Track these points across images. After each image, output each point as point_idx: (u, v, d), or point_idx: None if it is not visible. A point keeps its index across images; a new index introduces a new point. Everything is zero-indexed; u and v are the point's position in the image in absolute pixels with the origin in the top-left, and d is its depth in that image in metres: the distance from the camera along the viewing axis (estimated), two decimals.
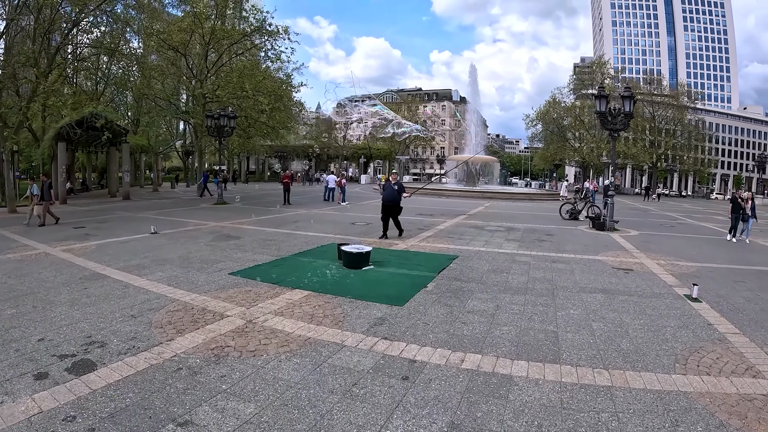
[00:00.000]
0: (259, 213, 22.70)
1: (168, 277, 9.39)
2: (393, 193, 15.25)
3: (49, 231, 16.32)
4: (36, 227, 17.21)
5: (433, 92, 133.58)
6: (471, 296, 8.51)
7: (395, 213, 15.47)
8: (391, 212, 15.40)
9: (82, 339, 5.98)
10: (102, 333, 6.21)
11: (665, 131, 79.35)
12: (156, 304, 7.50)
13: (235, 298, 7.91)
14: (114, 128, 31.96)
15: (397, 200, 15.28)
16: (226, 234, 15.91)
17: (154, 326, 6.48)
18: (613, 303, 8.35)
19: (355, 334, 6.39)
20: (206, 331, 6.32)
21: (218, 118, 27.88)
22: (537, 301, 8.31)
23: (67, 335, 6.10)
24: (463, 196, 40.86)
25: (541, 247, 14.72)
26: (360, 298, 8.07)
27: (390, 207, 15.31)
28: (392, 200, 15.25)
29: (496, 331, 6.71)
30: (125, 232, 16.02)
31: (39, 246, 13.08)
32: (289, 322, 6.78)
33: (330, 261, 11.13)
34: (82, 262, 10.89)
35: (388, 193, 15.29)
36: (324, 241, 14.59)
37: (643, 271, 11.44)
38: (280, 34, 35.35)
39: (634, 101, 21.37)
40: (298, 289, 8.56)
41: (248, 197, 36.05)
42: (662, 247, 15.78)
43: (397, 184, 15.48)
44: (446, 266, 11.00)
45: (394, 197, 15.25)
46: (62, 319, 6.76)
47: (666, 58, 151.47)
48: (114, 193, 36.27)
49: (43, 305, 7.40)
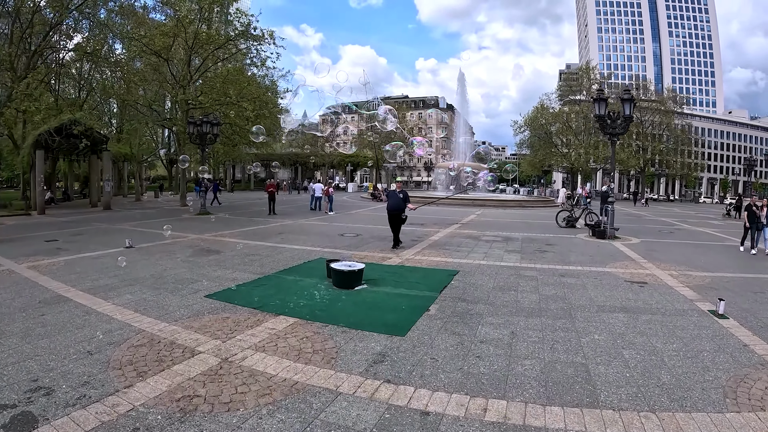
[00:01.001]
0: (243, 224, 21.62)
1: (136, 300, 8.32)
2: (398, 201, 14.86)
3: (19, 244, 15.32)
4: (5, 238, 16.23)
5: (420, 99, 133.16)
6: (481, 321, 7.52)
7: (400, 222, 15.17)
8: (397, 221, 15.07)
9: (28, 383, 4.98)
10: (51, 375, 5.19)
11: (652, 136, 79.32)
12: (118, 337, 6.45)
13: (209, 328, 6.84)
14: (94, 136, 30.98)
15: (402, 209, 14.87)
16: (206, 248, 14.83)
17: (111, 367, 5.44)
18: (638, 324, 7.52)
19: (352, 375, 5.35)
20: (173, 373, 5.27)
21: (200, 125, 26.84)
22: (555, 325, 7.37)
23: (11, 377, 5.11)
24: (454, 204, 40.03)
25: (545, 258, 13.87)
26: (354, 326, 7.02)
27: (396, 216, 14.97)
28: (397, 209, 14.88)
29: (518, 366, 5.74)
30: (99, 246, 14.97)
31: (3, 262, 12.08)
32: (271, 360, 5.72)
33: (318, 280, 10.08)
34: (45, 281, 9.84)
35: (393, 202, 14.97)
36: (311, 255, 13.56)
37: (658, 283, 10.67)
38: (265, 38, 34.48)
39: (634, 104, 20.67)
40: (282, 316, 7.49)
41: (232, 207, 35.03)
42: (668, 255, 15.13)
43: (402, 193, 15.06)
44: (447, 284, 10.01)
45: (399, 206, 14.86)
46: (9, 355, 5.75)
47: (651, 63, 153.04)
48: (95, 203, 35.28)
49: None
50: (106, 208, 31.86)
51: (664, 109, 76.83)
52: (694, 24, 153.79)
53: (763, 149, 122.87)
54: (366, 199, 47.30)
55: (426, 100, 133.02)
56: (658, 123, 77.92)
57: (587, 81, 75.73)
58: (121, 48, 36.12)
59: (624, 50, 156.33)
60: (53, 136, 27.58)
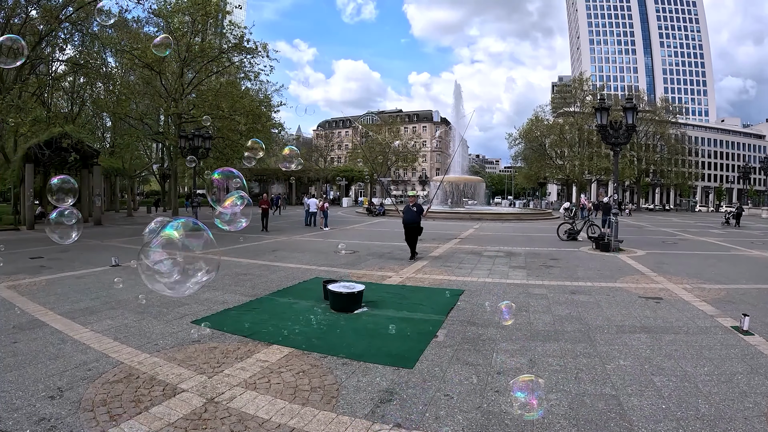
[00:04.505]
0: (234, 240, 20.90)
1: (117, 326, 7.64)
2: (414, 215, 15.77)
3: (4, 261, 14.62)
4: None
5: (414, 113, 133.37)
6: (495, 348, 6.86)
7: (417, 234, 15.91)
8: (414, 234, 15.83)
9: None
10: (15, 417, 4.55)
11: (647, 146, 79.24)
12: (93, 370, 5.77)
13: (195, 360, 6.16)
14: (84, 149, 30.40)
15: (418, 221, 15.77)
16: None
17: (82, 408, 4.76)
18: (663, 346, 6.98)
19: (356, 419, 4.65)
20: (150, 418, 4.58)
21: (192, 139, 26.25)
22: (576, 350, 6.75)
23: None
24: (450, 218, 39.69)
25: (551, 274, 13.28)
26: (356, 357, 6.32)
27: (412, 229, 15.76)
28: (414, 222, 15.75)
29: (543, 402, 5.07)
30: (84, 264, 14.38)
31: None
32: (263, 400, 5.02)
33: (314, 302, 9.39)
34: (23, 303, 9.19)
35: (409, 216, 15.81)
36: (307, 274, 12.89)
37: (673, 299, 10.17)
38: (259, 51, 34.23)
39: (637, 112, 20.23)
40: (276, 345, 6.80)
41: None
42: (678, 267, 14.70)
43: (416, 206, 16.00)
44: (453, 305, 9.33)
45: (415, 219, 15.75)
46: None
47: (644, 74, 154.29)
48: (86, 218, 34.55)
49: None
50: (96, 223, 31.36)
51: (658, 119, 76.80)
52: (684, 34, 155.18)
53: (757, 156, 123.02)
54: (361, 214, 46.68)
55: (420, 113, 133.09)
56: (652, 133, 77.88)
57: (581, 92, 75.76)
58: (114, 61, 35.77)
59: (616, 61, 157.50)
60: (43, 149, 27.01)
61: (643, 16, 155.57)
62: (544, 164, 75.92)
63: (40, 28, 26.11)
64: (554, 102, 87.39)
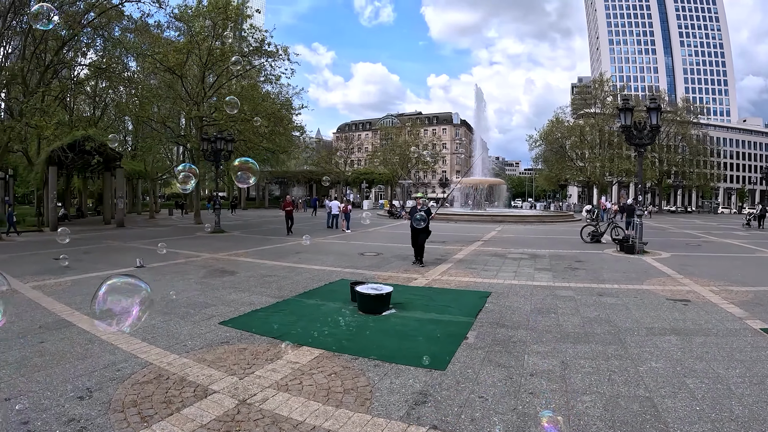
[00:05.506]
0: (258, 242, 20.91)
1: (144, 327, 7.56)
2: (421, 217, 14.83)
3: (27, 262, 14.90)
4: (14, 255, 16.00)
5: (434, 116, 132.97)
6: (526, 350, 6.72)
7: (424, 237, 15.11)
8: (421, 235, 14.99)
9: (17, 426, 4.29)
10: (43, 417, 4.49)
11: (668, 147, 78.09)
12: (123, 371, 5.72)
13: (224, 361, 6.09)
14: (107, 152, 30.72)
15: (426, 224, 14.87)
16: (220, 268, 14.15)
17: (112, 409, 4.70)
18: (694, 348, 6.85)
19: (392, 421, 4.54)
20: (182, 419, 4.51)
21: (215, 141, 26.36)
22: (607, 352, 6.60)
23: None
24: (472, 220, 39.41)
25: (577, 276, 13.09)
26: (387, 359, 6.22)
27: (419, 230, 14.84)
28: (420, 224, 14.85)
29: (578, 404, 4.95)
30: (108, 265, 14.43)
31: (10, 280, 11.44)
32: (296, 402, 4.94)
33: (342, 304, 9.31)
34: (49, 303, 9.22)
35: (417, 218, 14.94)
36: (332, 276, 12.80)
37: (701, 301, 9.99)
38: (279, 54, 34.26)
39: (660, 112, 19.89)
40: (306, 347, 6.71)
41: (247, 225, 34.55)
42: (703, 270, 14.47)
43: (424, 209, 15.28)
44: (482, 307, 9.20)
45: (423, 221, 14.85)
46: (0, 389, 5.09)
47: (664, 74, 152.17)
48: (108, 220, 35.18)
49: None
50: (119, 225, 31.65)
51: (680, 120, 75.61)
52: (705, 33, 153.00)
53: None
54: (383, 217, 46.52)
55: (439, 116, 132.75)
56: (673, 134, 76.65)
57: (601, 93, 74.96)
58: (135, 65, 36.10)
59: (636, 62, 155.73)
60: (66, 152, 27.41)
61: (663, 15, 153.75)
62: (564, 166, 75.07)
63: (62, 33, 26.43)
64: (574, 103, 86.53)
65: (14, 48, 28.78)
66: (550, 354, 6.55)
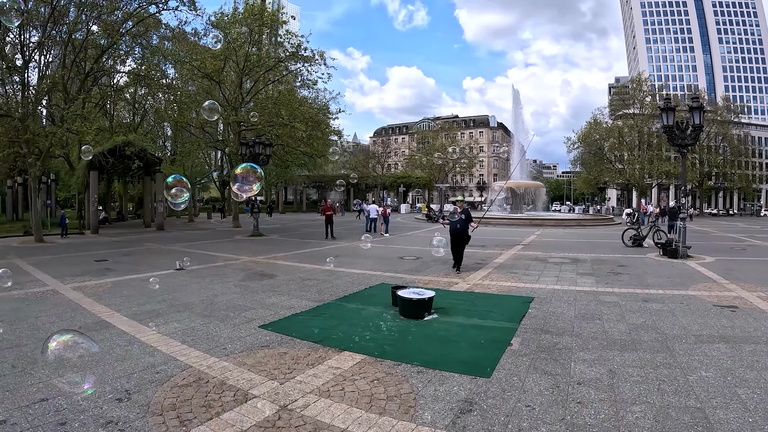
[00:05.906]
0: (297, 246, 20.90)
1: (184, 330, 7.57)
2: (462, 222, 14.30)
3: (68, 263, 15.13)
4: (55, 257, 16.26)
5: (470, 119, 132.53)
6: (572, 357, 6.45)
7: (464, 243, 14.42)
8: (461, 242, 14.34)
9: (54, 426, 4.27)
10: (81, 419, 4.46)
11: (709, 148, 76.01)
12: (161, 373, 5.67)
13: (265, 366, 5.97)
14: (147, 157, 31.29)
15: (465, 230, 14.30)
16: (259, 271, 14.15)
17: (151, 412, 4.63)
18: (743, 356, 6.50)
19: (437, 431, 4.35)
20: (221, 424, 4.39)
21: (253, 146, 26.55)
22: (655, 361, 6.30)
23: (36, 418, 4.45)
24: (511, 224, 38.90)
25: (620, 281, 12.68)
26: (430, 365, 6.02)
27: (460, 238, 14.30)
28: (461, 230, 14.26)
29: (627, 414, 4.69)
30: (149, 267, 14.63)
31: (50, 282, 11.84)
32: (339, 408, 4.78)
33: (383, 308, 9.13)
34: (89, 304, 9.31)
35: (457, 224, 14.33)
36: (372, 280, 12.66)
37: (749, 307, 9.53)
38: (316, 58, 34.39)
39: (704, 112, 19.26)
40: (347, 351, 6.56)
41: (285, 229, 34.73)
42: (749, 275, 13.85)
43: (464, 212, 14.49)
44: (525, 312, 8.93)
45: (463, 227, 14.29)
46: (39, 389, 5.12)
47: (703, 72, 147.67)
48: (148, 224, 35.87)
49: (24, 365, 5.86)
50: (158, 228, 32.19)
51: (720, 119, 73.50)
52: (743, 29, 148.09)
53: None
54: (421, 220, 46.28)
55: (476, 119, 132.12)
56: (714, 134, 74.46)
57: (640, 93, 73.42)
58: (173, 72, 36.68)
59: (674, 60, 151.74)
60: (107, 157, 28.00)
61: (700, 12, 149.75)
62: (603, 168, 73.66)
63: (101, 42, 26.96)
64: (612, 104, 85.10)
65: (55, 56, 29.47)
66: (596, 362, 6.28)
